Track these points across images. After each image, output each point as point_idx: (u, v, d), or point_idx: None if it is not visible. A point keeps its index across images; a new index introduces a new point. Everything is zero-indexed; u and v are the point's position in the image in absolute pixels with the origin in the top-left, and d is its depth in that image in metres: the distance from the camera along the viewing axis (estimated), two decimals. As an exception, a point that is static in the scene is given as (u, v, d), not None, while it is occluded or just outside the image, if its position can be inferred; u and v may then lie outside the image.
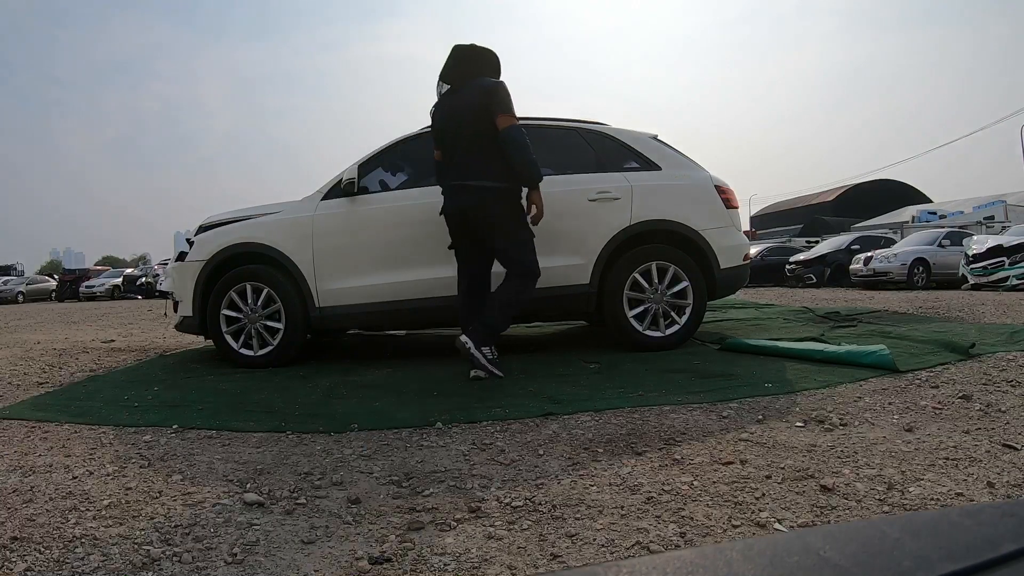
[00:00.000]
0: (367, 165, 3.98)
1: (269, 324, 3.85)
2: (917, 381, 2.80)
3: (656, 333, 3.79)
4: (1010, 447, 1.90)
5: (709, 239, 3.87)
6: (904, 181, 37.40)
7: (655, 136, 4.20)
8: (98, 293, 23.39)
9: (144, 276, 23.46)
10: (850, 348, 3.33)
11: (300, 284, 3.82)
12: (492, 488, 1.79)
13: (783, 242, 20.39)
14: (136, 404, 2.94)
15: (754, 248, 14.37)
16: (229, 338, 3.88)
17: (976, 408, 2.34)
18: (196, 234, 4.16)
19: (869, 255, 13.00)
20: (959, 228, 15.52)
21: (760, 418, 2.35)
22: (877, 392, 2.65)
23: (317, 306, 3.81)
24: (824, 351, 3.34)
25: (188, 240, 4.27)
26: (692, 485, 1.73)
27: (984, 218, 20.07)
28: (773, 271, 15.77)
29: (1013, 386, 2.62)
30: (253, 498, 1.75)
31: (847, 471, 1.77)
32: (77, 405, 2.96)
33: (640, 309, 3.78)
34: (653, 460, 1.95)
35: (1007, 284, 10.08)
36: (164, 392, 3.21)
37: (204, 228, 4.11)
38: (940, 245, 12.73)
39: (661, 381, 2.97)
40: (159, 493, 1.82)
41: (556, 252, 3.47)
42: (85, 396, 3.17)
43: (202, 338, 4.37)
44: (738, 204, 4.21)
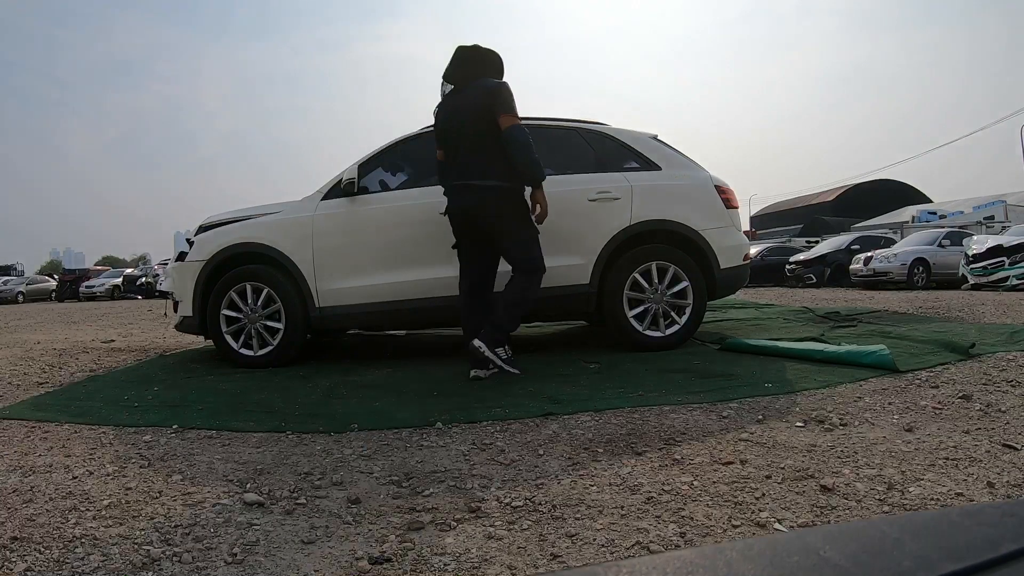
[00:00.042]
0: (367, 165, 3.98)
1: (269, 324, 3.85)
2: (917, 381, 2.80)
3: (656, 333, 3.79)
4: (1010, 447, 1.90)
5: (709, 239, 3.87)
6: (904, 181, 37.40)
7: (655, 136, 4.20)
8: (98, 293, 23.39)
9: (144, 276, 23.47)
10: (850, 348, 3.33)
11: (300, 284, 3.82)
12: (492, 488, 1.79)
13: (783, 242, 20.39)
14: (136, 404, 2.94)
15: (754, 248, 14.37)
16: (229, 338, 3.89)
17: (976, 408, 2.34)
18: (196, 234, 4.16)
19: (869, 255, 13.00)
20: (959, 228, 15.53)
21: (760, 418, 2.35)
22: (877, 392, 2.65)
23: (317, 306, 3.82)
24: (824, 351, 3.35)
25: (188, 240, 4.27)
26: (692, 485, 1.73)
27: (984, 218, 20.07)
28: (773, 271, 15.78)
29: (1013, 386, 2.62)
30: (253, 498, 1.75)
31: (847, 471, 1.77)
32: (77, 405, 2.96)
33: (640, 309, 3.78)
34: (653, 460, 1.95)
35: (1007, 284, 10.08)
36: (164, 392, 3.21)
37: (204, 228, 4.12)
38: (940, 245, 12.74)
39: (661, 381, 2.98)
40: (159, 493, 1.82)
41: (556, 252, 3.47)
42: (85, 396, 3.17)
43: (202, 338, 4.37)
44: (738, 204, 4.22)
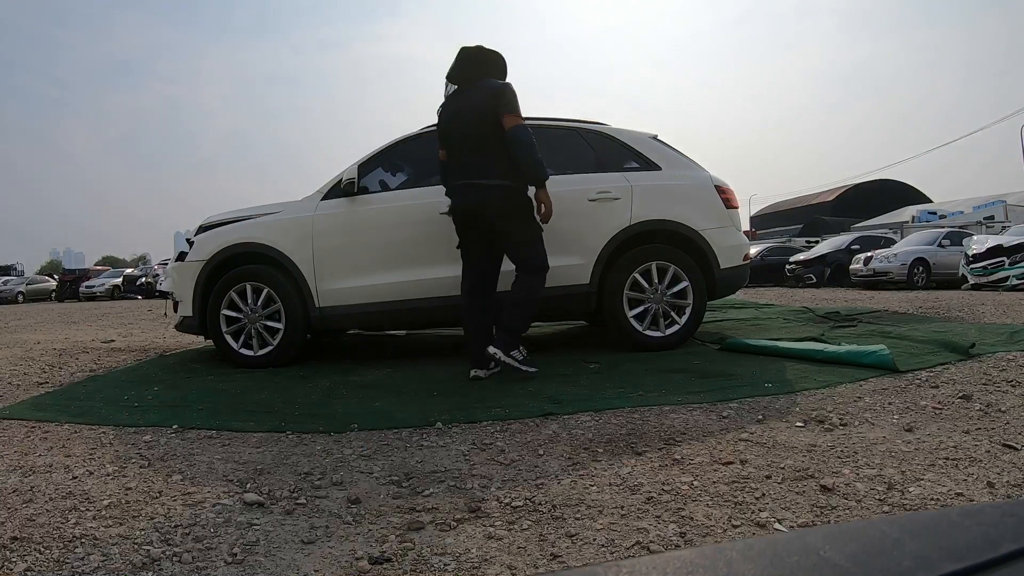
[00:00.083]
0: (367, 165, 3.98)
1: (269, 324, 3.85)
2: (917, 381, 2.80)
3: (656, 333, 3.79)
4: (1010, 447, 1.90)
5: (709, 239, 3.87)
6: (904, 181, 37.39)
7: (655, 136, 4.20)
8: (98, 293, 23.39)
9: (144, 276, 23.46)
10: (850, 348, 3.33)
11: (300, 284, 3.82)
12: (492, 488, 1.79)
13: (783, 242, 20.38)
14: (136, 404, 2.94)
15: (754, 248, 14.38)
16: (229, 338, 3.89)
17: (976, 408, 2.34)
18: (196, 234, 4.16)
19: (869, 255, 13.00)
20: (959, 228, 15.52)
21: (760, 418, 2.35)
22: (877, 392, 2.65)
23: (317, 306, 3.82)
24: (824, 351, 3.35)
25: (188, 240, 4.26)
26: (692, 485, 1.73)
27: (984, 218, 20.05)
28: (773, 271, 15.77)
29: (1013, 386, 2.62)
30: (253, 498, 1.75)
31: (847, 471, 1.77)
32: (77, 405, 2.96)
33: (640, 309, 3.78)
34: (653, 460, 1.95)
35: (1007, 284, 10.08)
36: (164, 392, 3.21)
37: (204, 228, 4.11)
38: (940, 245, 12.74)
39: (661, 381, 2.98)
40: (159, 493, 1.82)
41: (556, 252, 3.46)
42: (85, 396, 3.17)
43: (202, 338, 4.37)
44: (738, 204, 4.22)
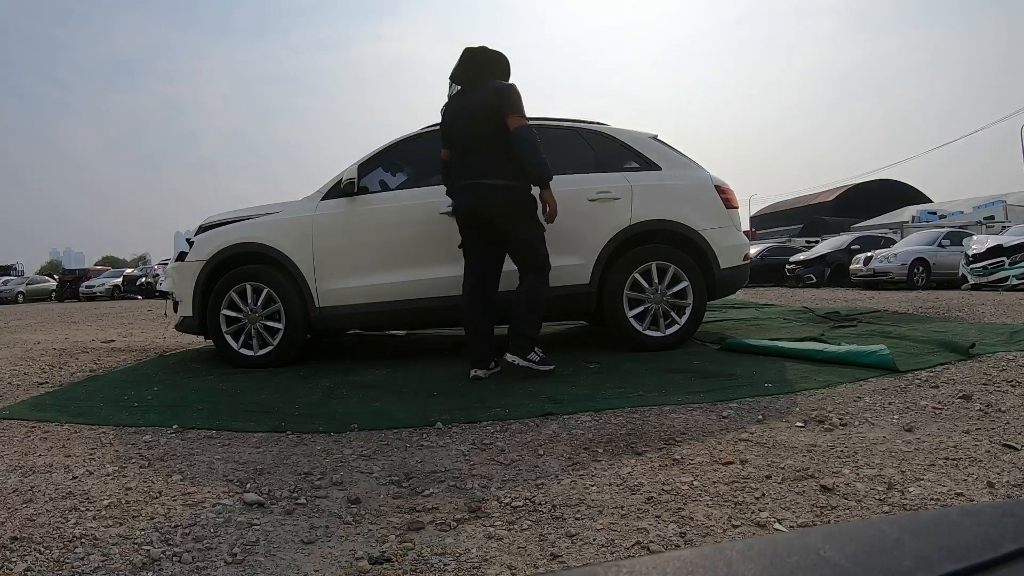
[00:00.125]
0: (367, 165, 3.98)
1: (269, 324, 3.85)
2: (917, 381, 2.80)
3: (656, 333, 3.79)
4: (1010, 447, 1.90)
5: (709, 239, 3.87)
6: (904, 181, 37.42)
7: (655, 136, 4.20)
8: (98, 293, 23.39)
9: (144, 276, 23.46)
10: (850, 348, 3.33)
11: (300, 284, 3.82)
12: (492, 488, 1.79)
13: (783, 242, 20.38)
14: (136, 404, 2.94)
15: (754, 248, 14.37)
16: (229, 338, 3.89)
17: (976, 408, 2.34)
18: (196, 234, 4.16)
19: (869, 255, 13.00)
20: (959, 228, 15.52)
21: (760, 418, 2.35)
22: (877, 392, 2.65)
23: (317, 306, 3.82)
24: (824, 351, 3.35)
25: (188, 240, 4.26)
26: (692, 485, 1.73)
27: (984, 218, 20.06)
28: (773, 271, 15.77)
29: (1013, 386, 2.61)
30: (253, 498, 1.75)
31: (847, 471, 1.77)
32: (77, 405, 2.96)
33: (640, 309, 3.78)
34: (653, 460, 1.95)
35: (1007, 284, 10.08)
36: (164, 392, 3.21)
37: (204, 228, 4.11)
38: (940, 245, 12.74)
39: (661, 381, 2.98)
40: (159, 493, 1.82)
41: (556, 252, 3.46)
42: (85, 396, 3.17)
43: (202, 338, 4.37)
44: (738, 204, 4.22)
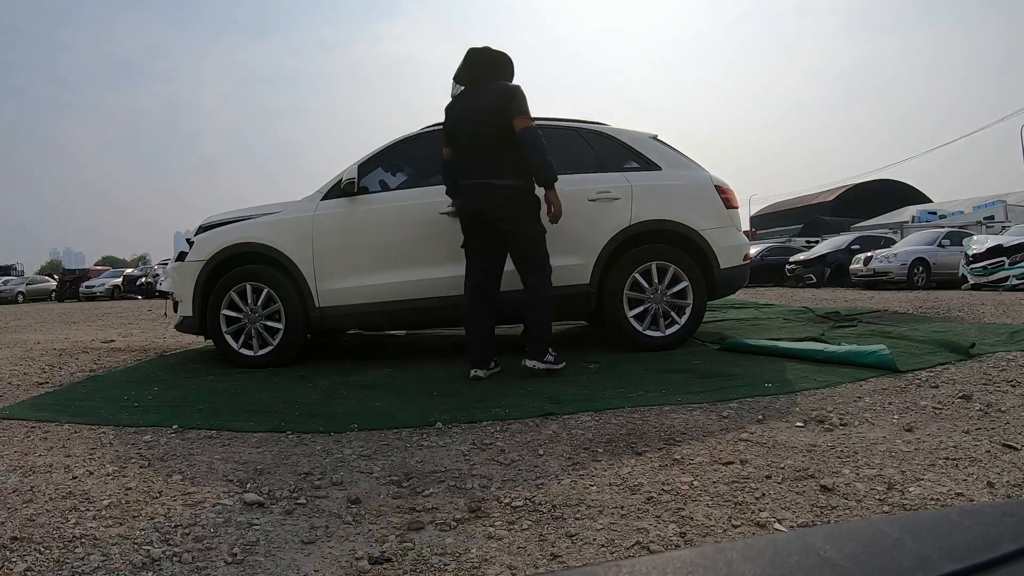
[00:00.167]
0: (367, 165, 3.98)
1: (269, 324, 3.85)
2: (917, 381, 2.80)
3: (656, 333, 3.79)
4: (1010, 447, 1.90)
5: (709, 239, 3.87)
6: (904, 181, 37.41)
7: (655, 136, 4.20)
8: (98, 293, 23.38)
9: (144, 276, 23.45)
10: (850, 348, 3.33)
11: (300, 284, 3.82)
12: (492, 488, 1.79)
13: (783, 242, 20.38)
14: (136, 404, 2.94)
15: (754, 248, 14.37)
16: (229, 338, 3.89)
17: (976, 408, 2.34)
18: (196, 234, 4.16)
19: (869, 255, 13.00)
20: (959, 228, 15.51)
21: (760, 418, 2.35)
22: (877, 392, 2.65)
23: (317, 306, 3.82)
24: (824, 351, 3.35)
25: (188, 240, 4.27)
26: (692, 485, 1.73)
27: (984, 218, 20.05)
28: (773, 271, 15.77)
29: (1013, 386, 2.62)
30: (253, 498, 1.75)
31: (847, 471, 1.77)
32: (77, 405, 2.96)
33: (640, 309, 3.78)
34: (653, 460, 1.95)
35: (1007, 284, 10.08)
36: (164, 392, 3.21)
37: (204, 228, 4.11)
38: (940, 245, 12.73)
39: (661, 381, 2.98)
40: (159, 493, 1.82)
41: (556, 252, 3.47)
42: (85, 396, 3.17)
43: (202, 338, 4.37)
44: (738, 204, 4.22)
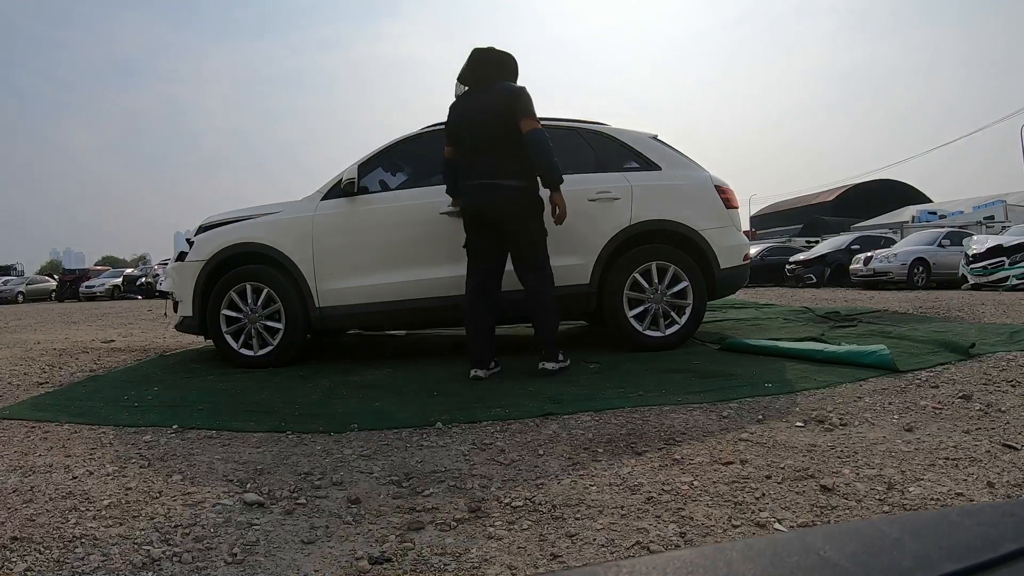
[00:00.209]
0: (367, 165, 3.98)
1: (269, 324, 3.85)
2: (917, 381, 2.80)
3: (656, 333, 3.79)
4: (1010, 447, 1.90)
5: (709, 239, 3.87)
6: (904, 181, 37.42)
7: (655, 136, 4.20)
8: (98, 293, 23.38)
9: (144, 276, 23.45)
10: (850, 348, 3.33)
11: (300, 284, 3.82)
12: (492, 488, 1.79)
13: (783, 242, 20.38)
14: (136, 404, 2.94)
15: (754, 248, 14.37)
16: (229, 338, 3.89)
17: (976, 408, 2.34)
18: (196, 234, 4.16)
19: (869, 255, 13.00)
20: (959, 228, 15.52)
21: (760, 418, 2.35)
22: (877, 392, 2.65)
23: (317, 306, 3.82)
24: (824, 351, 3.35)
25: (188, 240, 4.27)
26: (692, 485, 1.73)
27: (984, 218, 20.05)
28: (773, 271, 15.77)
29: (1013, 386, 2.62)
30: (253, 498, 1.75)
31: (847, 471, 1.77)
32: (77, 405, 2.96)
33: (640, 309, 3.78)
34: (653, 460, 1.95)
35: (1007, 284, 10.08)
36: (164, 392, 3.21)
37: (204, 228, 4.11)
38: (940, 245, 12.74)
39: (661, 381, 2.98)
40: (159, 493, 1.82)
41: (556, 252, 3.47)
42: (85, 396, 3.17)
43: (202, 338, 4.37)
44: (738, 204, 4.22)
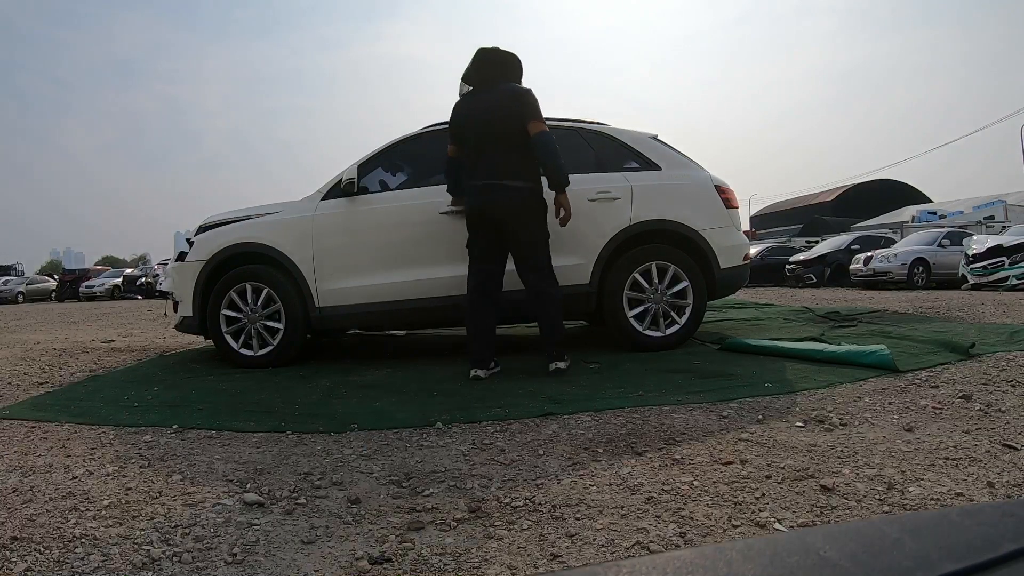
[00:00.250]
0: (367, 165, 3.98)
1: (269, 324, 3.85)
2: (917, 381, 2.80)
3: (656, 333, 3.79)
4: (1010, 447, 1.90)
5: (709, 239, 3.87)
6: (904, 181, 37.41)
7: (655, 136, 4.20)
8: (98, 293, 23.38)
9: (144, 276, 23.45)
10: (850, 348, 3.33)
11: (300, 284, 3.82)
12: (492, 488, 1.79)
13: (783, 242, 20.38)
14: (136, 404, 2.94)
15: (754, 248, 14.38)
16: (229, 338, 3.88)
17: (976, 408, 2.34)
18: (196, 234, 4.16)
19: (869, 255, 13.00)
20: (959, 228, 15.52)
21: (760, 418, 2.35)
22: (877, 392, 2.65)
23: (317, 306, 3.82)
24: (824, 351, 3.35)
25: (188, 240, 4.27)
26: (692, 485, 1.73)
27: (984, 218, 20.05)
28: (773, 271, 15.77)
29: (1013, 386, 2.62)
30: (253, 498, 1.75)
31: (847, 471, 1.77)
32: (77, 405, 2.96)
33: (640, 309, 3.78)
34: (653, 460, 1.95)
35: (1007, 284, 10.08)
36: (164, 392, 3.21)
37: (204, 228, 4.11)
38: (940, 245, 12.74)
39: (661, 381, 2.98)
40: (159, 493, 1.82)
41: (556, 252, 3.46)
42: (85, 396, 3.17)
43: (202, 338, 4.37)
44: (738, 204, 4.22)
